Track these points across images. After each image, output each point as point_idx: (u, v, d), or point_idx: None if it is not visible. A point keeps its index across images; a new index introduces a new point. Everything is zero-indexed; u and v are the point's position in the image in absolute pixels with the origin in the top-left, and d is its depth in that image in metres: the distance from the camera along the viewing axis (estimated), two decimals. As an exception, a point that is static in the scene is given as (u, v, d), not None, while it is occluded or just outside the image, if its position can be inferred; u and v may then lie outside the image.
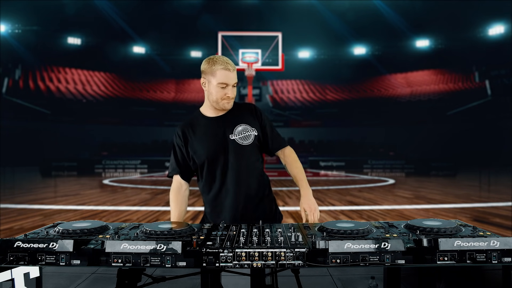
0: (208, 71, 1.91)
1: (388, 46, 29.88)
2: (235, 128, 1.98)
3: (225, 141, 1.96)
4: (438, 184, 13.20)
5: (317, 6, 27.26)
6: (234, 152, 1.95)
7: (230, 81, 1.90)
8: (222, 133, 1.97)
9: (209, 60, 1.93)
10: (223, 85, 1.89)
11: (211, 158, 1.95)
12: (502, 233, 3.55)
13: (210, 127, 1.99)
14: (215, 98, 1.92)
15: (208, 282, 1.48)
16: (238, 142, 1.97)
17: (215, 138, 1.96)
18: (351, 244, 1.22)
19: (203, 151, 1.96)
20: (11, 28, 24.87)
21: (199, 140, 1.98)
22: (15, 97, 23.34)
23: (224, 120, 1.99)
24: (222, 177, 1.95)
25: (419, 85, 30.14)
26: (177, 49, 31.42)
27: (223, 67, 1.88)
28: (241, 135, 1.98)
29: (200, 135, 1.99)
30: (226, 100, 1.92)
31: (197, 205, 7.52)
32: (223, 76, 1.88)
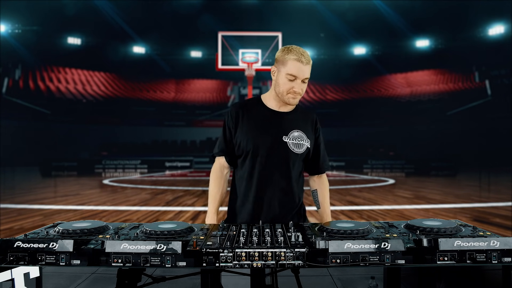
0: (280, 59, 1.80)
1: (388, 46, 29.88)
2: (291, 132, 1.85)
3: (277, 140, 1.83)
4: (438, 184, 13.20)
5: (317, 6, 27.25)
6: (282, 155, 1.83)
7: (300, 75, 1.75)
8: (277, 131, 1.84)
9: (285, 48, 1.81)
10: (291, 77, 1.75)
11: (257, 153, 1.82)
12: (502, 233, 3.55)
13: (267, 119, 1.86)
14: (281, 90, 1.79)
15: (208, 282, 1.48)
16: (290, 147, 1.84)
17: (268, 133, 1.83)
18: (351, 244, 1.22)
19: (252, 141, 1.82)
20: (11, 28, 24.87)
21: (251, 128, 1.84)
22: (15, 97, 23.33)
23: (283, 118, 1.87)
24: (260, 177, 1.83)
25: (419, 85, 30.14)
26: (177, 49, 31.43)
27: (296, 57, 1.74)
28: (295, 141, 1.85)
29: (253, 123, 1.85)
30: (292, 94, 1.78)
31: (197, 205, 7.52)
32: (294, 68, 1.74)
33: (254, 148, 1.81)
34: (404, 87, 30.72)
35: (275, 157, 1.82)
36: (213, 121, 29.60)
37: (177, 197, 8.84)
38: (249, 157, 1.84)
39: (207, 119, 29.72)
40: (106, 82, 30.97)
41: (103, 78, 31.13)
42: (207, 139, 27.99)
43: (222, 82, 35.05)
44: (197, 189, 10.76)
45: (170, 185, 12.35)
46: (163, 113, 28.86)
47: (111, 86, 30.75)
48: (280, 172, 1.83)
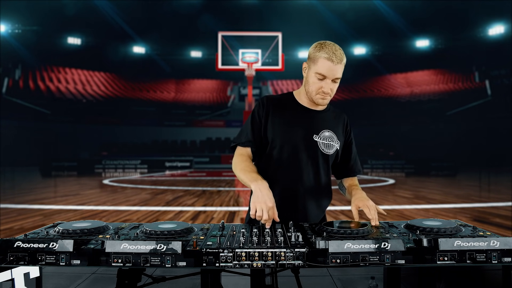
0: (311, 56, 1.71)
1: (388, 46, 29.89)
2: (322, 131, 1.78)
3: (307, 138, 1.75)
4: (438, 184, 13.20)
5: (317, 6, 27.26)
6: (310, 155, 1.75)
7: (330, 74, 1.66)
8: (308, 128, 1.76)
9: (317, 44, 1.71)
10: (321, 77, 1.67)
11: (284, 149, 1.74)
12: (502, 233, 3.55)
13: (299, 116, 1.78)
14: (310, 89, 1.72)
15: (208, 282, 1.48)
16: (320, 147, 1.76)
17: (299, 130, 1.75)
18: (351, 244, 1.22)
19: (280, 137, 1.74)
20: (11, 28, 24.88)
21: (281, 123, 1.75)
22: (15, 97, 23.34)
23: (315, 117, 1.79)
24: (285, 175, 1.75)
25: (419, 85, 30.15)
26: (177, 49, 31.44)
27: (327, 56, 1.64)
28: (326, 141, 1.78)
29: (285, 117, 1.76)
30: (320, 95, 1.70)
31: (197, 205, 7.52)
32: (324, 67, 1.65)
33: (282, 143, 1.73)
34: (404, 87, 30.72)
35: (304, 155, 1.74)
36: (213, 121, 29.62)
37: (177, 197, 8.84)
38: (276, 152, 1.75)
39: (207, 119, 29.73)
40: (106, 82, 30.98)
41: (103, 78, 31.13)
42: (207, 139, 27.99)
43: (222, 82, 35.06)
44: (197, 189, 10.77)
45: (170, 185, 12.35)
46: (163, 113, 28.87)
47: (111, 86, 30.76)
48: (307, 172, 1.76)
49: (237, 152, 1.79)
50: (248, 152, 1.77)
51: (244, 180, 1.66)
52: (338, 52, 1.67)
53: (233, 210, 6.96)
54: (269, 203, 1.49)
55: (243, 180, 1.66)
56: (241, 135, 1.80)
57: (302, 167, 1.75)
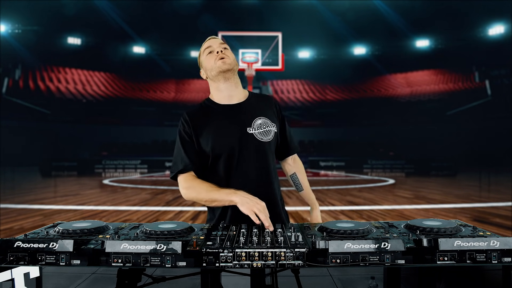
0: (200, 59, 1.85)
1: (388, 46, 29.89)
2: (253, 121, 1.73)
3: (243, 135, 1.70)
4: (438, 184, 13.21)
5: (317, 6, 27.26)
6: (252, 148, 1.70)
7: (213, 43, 1.78)
8: (239, 124, 1.71)
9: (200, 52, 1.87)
10: (208, 50, 1.78)
11: (226, 154, 1.68)
12: (502, 233, 3.55)
13: (225, 116, 1.73)
14: (210, 66, 1.75)
15: (208, 282, 1.48)
16: (257, 137, 1.72)
17: (231, 130, 1.70)
18: (351, 244, 1.22)
19: (217, 144, 1.68)
20: (11, 28, 24.88)
21: (212, 131, 1.70)
22: (15, 97, 23.35)
23: (241, 110, 1.75)
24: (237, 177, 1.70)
25: (419, 85, 30.15)
26: (177, 49, 31.44)
27: (204, 43, 1.83)
28: (261, 129, 1.73)
29: (213, 124, 1.71)
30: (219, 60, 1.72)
31: (197, 205, 7.52)
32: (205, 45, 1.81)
33: (222, 149, 1.68)
34: (404, 87, 30.72)
35: (246, 152, 1.69)
36: (213, 121, 29.61)
37: (177, 197, 8.84)
38: (220, 160, 1.69)
39: (207, 119, 29.70)
40: (106, 82, 30.99)
41: (103, 78, 31.14)
42: (207, 139, 27.97)
43: (222, 82, 35.03)
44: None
45: (170, 185, 12.35)
46: (163, 113, 28.88)
47: (111, 86, 30.76)
48: (255, 168, 1.71)
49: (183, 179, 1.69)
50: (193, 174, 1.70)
51: (217, 198, 1.58)
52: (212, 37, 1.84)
53: (233, 210, 6.95)
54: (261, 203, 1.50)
55: (216, 199, 1.58)
56: (177, 163, 1.71)
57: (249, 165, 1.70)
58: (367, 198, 8.28)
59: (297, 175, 1.93)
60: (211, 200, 1.61)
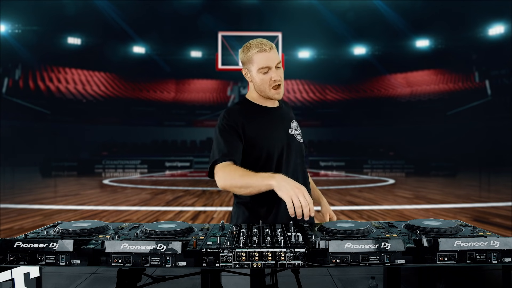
0: (245, 60, 1.73)
1: (388, 46, 29.88)
2: (291, 123, 1.82)
3: (288, 136, 1.76)
4: (438, 184, 13.20)
5: (317, 6, 27.26)
6: (294, 148, 1.77)
7: (270, 63, 1.67)
8: (284, 125, 1.78)
9: (244, 48, 1.73)
10: (264, 70, 1.68)
11: (273, 153, 1.69)
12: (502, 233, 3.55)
13: (270, 118, 1.76)
14: (262, 87, 1.71)
15: (208, 282, 1.48)
16: (297, 138, 1.81)
17: (279, 131, 1.75)
18: (351, 244, 1.22)
19: (265, 142, 1.68)
20: (11, 28, 24.88)
21: (261, 131, 1.69)
22: (15, 97, 23.35)
23: (282, 112, 1.83)
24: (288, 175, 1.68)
25: (419, 85, 30.15)
26: (177, 49, 31.43)
27: (258, 49, 1.67)
28: (297, 131, 1.83)
29: (261, 124, 1.71)
30: (274, 88, 1.70)
31: (197, 205, 7.52)
32: (261, 60, 1.67)
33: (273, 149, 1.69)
34: (404, 87, 30.72)
35: (293, 152, 1.75)
36: (213, 121, 29.59)
37: (177, 197, 8.84)
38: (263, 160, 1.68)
39: (207, 119, 29.73)
40: (106, 82, 30.99)
41: (103, 78, 31.14)
42: (207, 139, 27.99)
43: (222, 82, 35.05)
44: (197, 189, 10.77)
45: (170, 185, 12.35)
46: (163, 113, 28.88)
47: (111, 86, 30.76)
48: (296, 168, 1.77)
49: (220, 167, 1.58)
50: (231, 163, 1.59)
51: (254, 183, 1.47)
52: (265, 41, 1.70)
53: (233, 210, 6.95)
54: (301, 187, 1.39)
55: (253, 184, 1.47)
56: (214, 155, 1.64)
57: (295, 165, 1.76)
58: (367, 198, 8.28)
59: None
60: (246, 186, 1.49)
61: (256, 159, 1.68)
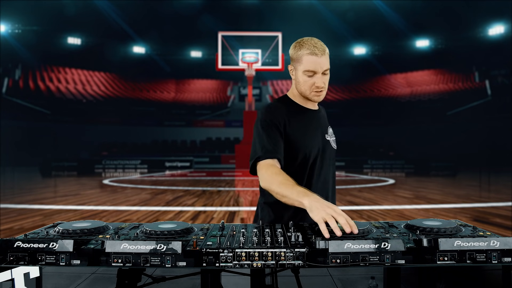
0: (294, 57, 1.69)
1: (388, 46, 29.90)
2: (328, 128, 1.79)
3: (324, 140, 1.74)
4: (438, 184, 13.20)
5: (317, 6, 27.28)
6: (329, 154, 1.74)
7: (318, 68, 1.63)
8: (321, 129, 1.75)
9: (296, 44, 1.70)
10: (310, 73, 1.64)
11: (309, 156, 1.66)
12: (502, 233, 3.55)
13: (310, 119, 1.73)
14: (303, 88, 1.68)
15: (208, 282, 1.48)
16: (332, 144, 1.78)
17: (317, 133, 1.72)
18: (351, 244, 1.22)
19: (303, 144, 1.65)
20: (11, 28, 24.89)
21: (299, 131, 1.66)
22: (15, 97, 23.36)
23: (321, 116, 1.80)
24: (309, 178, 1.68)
25: (419, 85, 30.16)
26: (177, 49, 31.46)
27: (309, 51, 1.63)
28: (333, 137, 1.81)
29: (300, 125, 1.68)
30: (315, 91, 1.67)
31: (197, 205, 7.52)
32: (309, 63, 1.63)
33: (311, 149, 1.66)
34: (404, 87, 30.73)
35: (327, 158, 1.73)
36: (213, 121, 29.63)
37: (177, 197, 8.85)
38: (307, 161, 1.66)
39: (207, 119, 29.74)
40: (106, 82, 30.99)
41: (103, 78, 31.14)
42: (207, 139, 28.00)
43: (222, 82, 35.06)
44: (197, 189, 10.77)
45: (170, 185, 12.36)
46: (163, 113, 28.88)
47: (111, 86, 30.77)
48: (332, 174, 1.77)
49: (263, 165, 1.56)
50: (276, 163, 1.57)
51: (288, 195, 1.43)
52: (319, 44, 1.65)
53: (233, 210, 6.96)
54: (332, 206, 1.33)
55: (287, 196, 1.43)
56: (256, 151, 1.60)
57: (325, 170, 1.74)
58: (367, 198, 8.28)
59: None
60: (282, 195, 1.47)
61: (291, 160, 1.65)
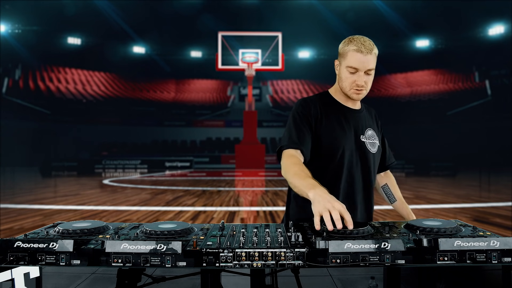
0: (341, 51, 1.68)
1: (388, 46, 29.87)
2: (366, 130, 1.74)
3: (358, 140, 1.69)
4: (438, 184, 13.20)
5: (317, 6, 27.27)
6: (362, 155, 1.70)
7: (361, 66, 1.61)
8: (356, 129, 1.70)
9: (346, 40, 1.69)
10: (352, 70, 1.62)
11: (335, 155, 1.64)
12: (502, 233, 3.55)
13: (345, 117, 1.70)
14: (344, 85, 1.66)
15: (208, 282, 1.48)
16: (368, 146, 1.72)
17: (348, 133, 1.68)
18: (351, 244, 1.22)
19: (330, 141, 1.64)
20: (11, 28, 24.89)
21: (333, 125, 1.66)
22: (15, 97, 23.35)
23: (360, 116, 1.75)
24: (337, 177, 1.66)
25: (419, 85, 30.15)
26: (177, 49, 31.45)
27: (356, 48, 1.61)
28: (370, 140, 1.74)
29: (332, 122, 1.66)
30: (354, 90, 1.64)
31: (197, 205, 7.52)
32: (353, 59, 1.61)
33: (339, 146, 1.64)
34: (404, 87, 30.72)
35: (357, 158, 1.69)
36: (213, 121, 29.63)
37: (177, 197, 8.85)
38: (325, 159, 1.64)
39: (207, 119, 29.74)
40: (106, 82, 30.99)
41: (103, 78, 31.14)
42: (207, 139, 28.00)
43: (222, 82, 35.05)
44: (197, 189, 10.77)
45: (170, 185, 12.35)
46: (163, 113, 28.88)
47: (111, 86, 30.76)
48: (362, 175, 1.71)
49: (286, 154, 1.59)
50: (299, 154, 1.59)
51: (298, 186, 1.44)
52: (367, 43, 1.64)
53: (233, 210, 6.96)
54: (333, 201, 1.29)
55: (298, 187, 1.44)
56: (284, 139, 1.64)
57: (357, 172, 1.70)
58: (367, 198, 8.26)
59: (388, 186, 1.94)
60: (293, 185, 1.48)
61: (318, 155, 1.65)
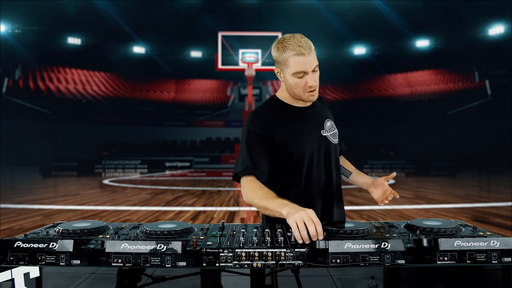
0: (279, 60, 1.61)
1: (388, 46, 29.89)
2: (324, 123, 1.72)
3: (320, 137, 1.67)
4: (438, 184, 13.20)
5: (317, 6, 27.26)
6: (327, 151, 1.69)
7: (307, 68, 1.56)
8: (315, 126, 1.68)
9: (279, 46, 1.60)
10: (300, 75, 1.57)
11: (304, 157, 1.62)
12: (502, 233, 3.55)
13: (301, 118, 1.67)
14: (296, 91, 1.61)
15: (208, 282, 1.48)
16: (330, 139, 1.70)
17: (310, 132, 1.66)
18: (351, 244, 1.22)
19: (295, 147, 1.60)
20: (11, 28, 24.88)
21: (291, 133, 1.61)
22: (15, 97, 23.34)
23: (315, 112, 1.72)
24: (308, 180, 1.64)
25: (419, 85, 30.14)
26: (177, 49, 31.44)
27: (295, 52, 1.54)
28: (331, 132, 1.72)
29: (290, 127, 1.63)
30: (308, 92, 1.60)
31: (197, 205, 7.52)
32: (297, 64, 1.55)
33: (304, 151, 1.61)
34: (404, 87, 30.72)
35: (322, 155, 1.67)
36: (213, 121, 29.62)
37: (177, 197, 8.85)
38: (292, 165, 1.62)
39: (207, 119, 29.73)
40: (106, 82, 30.98)
41: (103, 78, 31.13)
42: (207, 139, 27.99)
43: (222, 82, 35.04)
44: (197, 189, 10.77)
45: (170, 185, 12.36)
46: (163, 113, 28.87)
47: (111, 86, 30.76)
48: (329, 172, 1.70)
49: (244, 181, 1.57)
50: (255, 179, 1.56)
51: (269, 208, 1.43)
52: (303, 42, 1.57)
53: (233, 210, 6.96)
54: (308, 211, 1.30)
55: (269, 209, 1.44)
56: (238, 164, 1.61)
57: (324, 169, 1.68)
58: (367, 198, 8.27)
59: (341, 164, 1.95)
60: (264, 208, 1.47)
61: (286, 162, 1.62)
